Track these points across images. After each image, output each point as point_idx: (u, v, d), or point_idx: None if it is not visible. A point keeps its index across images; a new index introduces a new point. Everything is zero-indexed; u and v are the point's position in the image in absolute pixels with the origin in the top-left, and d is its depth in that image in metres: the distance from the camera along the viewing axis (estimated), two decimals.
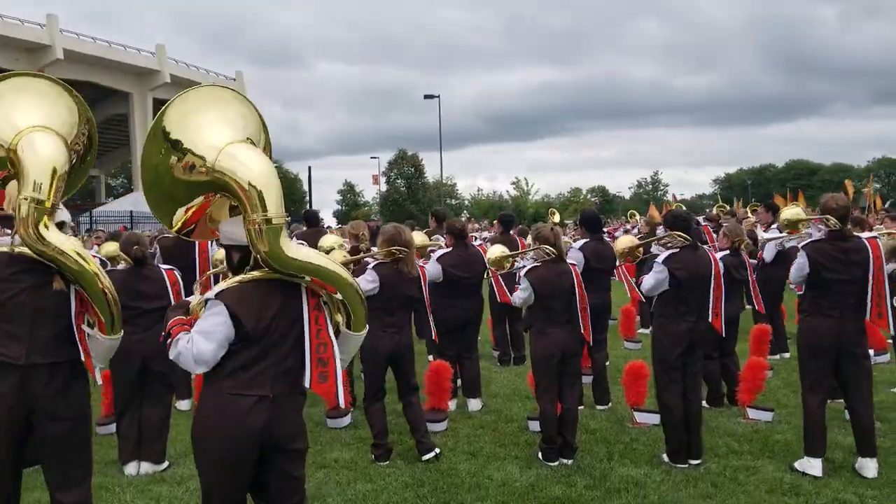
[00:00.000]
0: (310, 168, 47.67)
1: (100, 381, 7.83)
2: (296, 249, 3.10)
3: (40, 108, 3.41)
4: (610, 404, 7.07)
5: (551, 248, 5.66)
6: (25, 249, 3.30)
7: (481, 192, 76.66)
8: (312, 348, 3.15)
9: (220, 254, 7.01)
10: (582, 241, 7.22)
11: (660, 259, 5.55)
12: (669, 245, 5.63)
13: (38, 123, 3.33)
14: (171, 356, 3.09)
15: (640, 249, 6.66)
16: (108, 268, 6.45)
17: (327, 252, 7.27)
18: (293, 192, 57.14)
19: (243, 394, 3.05)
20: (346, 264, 6.21)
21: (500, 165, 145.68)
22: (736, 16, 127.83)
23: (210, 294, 3.09)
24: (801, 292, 5.67)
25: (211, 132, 3.01)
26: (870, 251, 5.19)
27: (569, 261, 5.98)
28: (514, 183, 73.20)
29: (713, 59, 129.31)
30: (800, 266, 5.31)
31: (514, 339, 9.24)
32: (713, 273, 5.57)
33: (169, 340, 3.09)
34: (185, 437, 6.14)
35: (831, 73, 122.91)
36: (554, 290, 5.60)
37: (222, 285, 3.11)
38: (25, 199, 3.17)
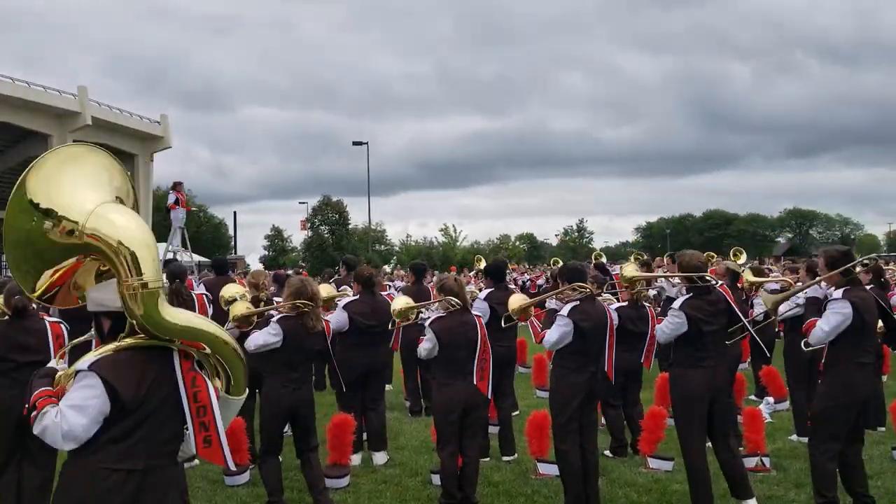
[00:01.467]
0: (235, 213, 47.27)
1: None
2: (173, 313, 2.96)
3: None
4: (516, 455, 7.06)
5: (455, 300, 5.67)
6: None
7: (411, 238, 76.97)
8: (192, 413, 3.02)
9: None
10: (487, 291, 7.27)
11: (563, 312, 5.58)
12: (569, 298, 5.70)
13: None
14: (36, 431, 2.87)
15: (533, 308, 6.74)
16: None
17: (229, 302, 7.16)
18: (218, 238, 56.22)
19: (112, 468, 2.86)
20: (249, 316, 6.12)
21: (431, 212, 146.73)
22: (656, 71, 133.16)
23: (81, 365, 2.90)
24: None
25: (79, 195, 2.85)
26: (727, 297, 5.58)
27: (474, 312, 6.01)
28: (442, 230, 73.75)
29: (636, 112, 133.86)
30: (676, 325, 5.43)
31: (425, 389, 9.17)
32: (608, 324, 5.68)
33: (34, 413, 2.87)
34: None
35: (747, 127, 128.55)
36: (458, 340, 5.59)
37: (95, 355, 2.93)
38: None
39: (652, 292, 9.05)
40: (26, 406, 2.92)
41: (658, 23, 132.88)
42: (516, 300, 6.63)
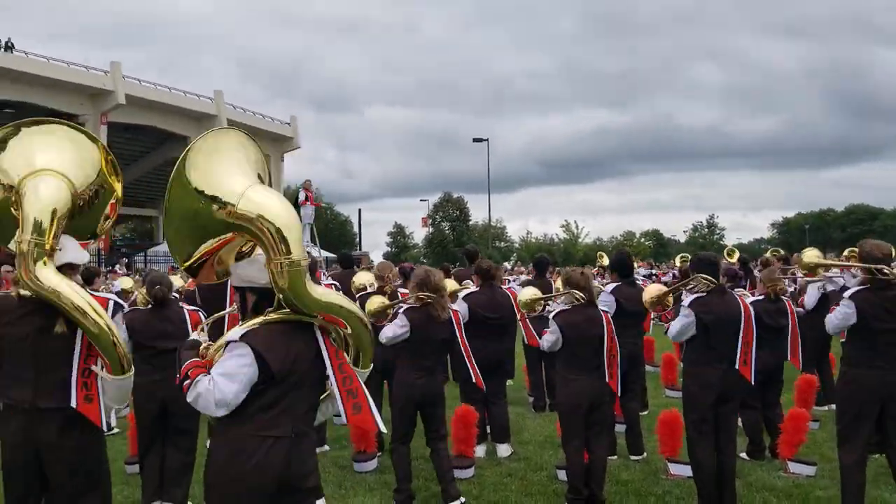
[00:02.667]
0: (360, 210, 48.45)
1: (114, 427, 7.97)
2: (317, 289, 3.15)
3: (59, 153, 3.50)
4: (644, 454, 6.84)
5: (580, 294, 5.55)
6: (25, 291, 3.35)
7: (531, 234, 76.50)
8: (339, 382, 3.18)
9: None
10: (613, 285, 7.07)
11: (685, 303, 5.38)
12: (696, 289, 5.46)
13: (50, 167, 3.41)
14: (189, 399, 3.06)
15: (670, 297, 6.48)
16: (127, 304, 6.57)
17: (359, 289, 7.32)
18: (344, 234, 57.85)
19: (263, 435, 3.03)
20: (385, 308, 6.23)
21: (552, 208, 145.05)
22: (795, 59, 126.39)
23: (232, 336, 3.08)
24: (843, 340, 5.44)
25: (230, 179, 3.06)
26: None
27: (600, 306, 5.85)
28: (563, 226, 72.88)
29: (772, 103, 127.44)
30: (846, 315, 5.06)
31: (550, 385, 9.03)
32: (742, 318, 5.37)
33: (186, 382, 3.07)
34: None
35: (893, 116, 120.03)
36: (583, 335, 5.47)
37: (245, 327, 3.10)
38: (22, 240, 3.24)
39: (791, 288, 8.53)
40: (177, 376, 3.11)
41: (797, 6, 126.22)
42: (652, 290, 6.41)
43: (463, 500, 5.54)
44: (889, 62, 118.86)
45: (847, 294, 5.16)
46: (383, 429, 3.59)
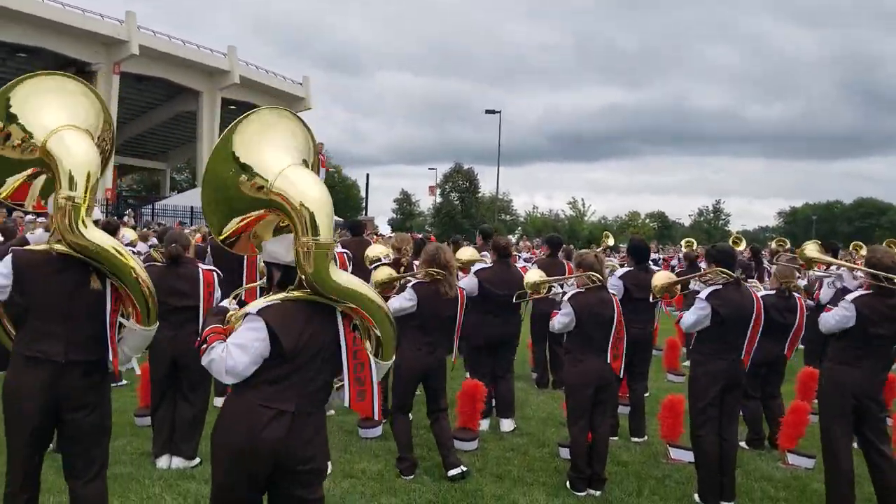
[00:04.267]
0: (368, 175, 48.24)
1: (126, 380, 8.08)
2: (340, 275, 3.19)
3: (67, 107, 3.51)
4: (646, 437, 6.93)
5: (596, 276, 5.60)
6: (62, 247, 3.39)
7: (537, 209, 76.35)
8: (350, 368, 3.24)
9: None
10: (624, 270, 7.12)
11: (702, 295, 5.41)
12: (712, 281, 5.50)
13: (67, 122, 3.43)
14: (204, 362, 3.14)
15: (678, 286, 6.53)
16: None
17: (373, 261, 7.37)
18: (350, 199, 57.80)
19: (266, 405, 3.09)
20: (391, 281, 6.28)
21: (560, 184, 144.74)
22: (812, 46, 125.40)
23: (251, 308, 3.13)
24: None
25: (271, 155, 3.09)
26: None
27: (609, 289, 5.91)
28: (570, 203, 72.72)
29: (786, 90, 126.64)
30: (845, 318, 5.11)
31: (553, 362, 9.12)
32: (754, 313, 5.43)
33: (204, 346, 3.14)
34: None
35: None
36: (595, 317, 5.54)
37: (264, 302, 3.15)
38: (64, 197, 3.27)
39: (802, 282, 8.55)
40: (198, 339, 3.17)
41: None
42: (661, 278, 6.45)
43: (464, 467, 5.65)
44: None
45: (850, 297, 5.19)
46: (377, 417, 3.60)
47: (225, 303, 3.48)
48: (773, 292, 6.85)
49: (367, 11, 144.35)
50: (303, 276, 3.11)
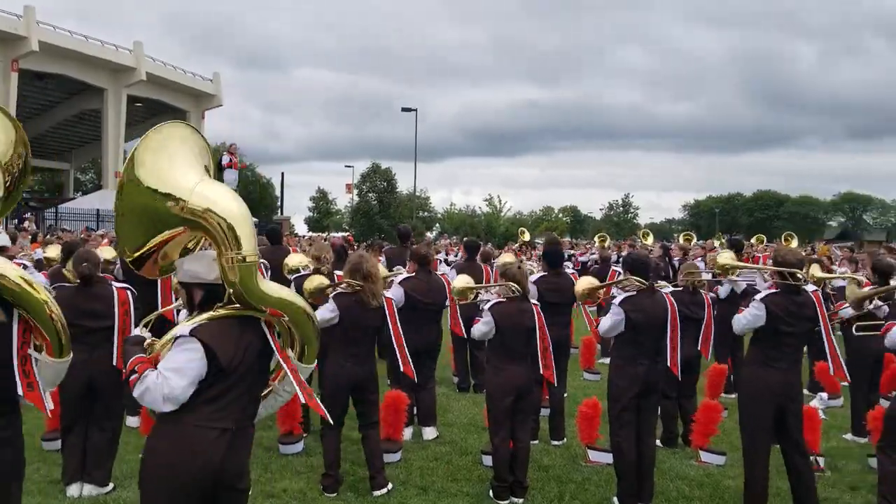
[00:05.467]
0: (283, 174, 47.63)
1: (51, 407, 7.71)
2: (268, 285, 3.17)
3: None
4: (565, 440, 7.06)
5: (517, 287, 5.67)
6: None
7: (454, 206, 76.70)
8: (291, 372, 3.26)
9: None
10: (539, 275, 7.24)
11: (616, 301, 5.57)
12: (627, 288, 5.66)
13: None
14: (136, 394, 3.02)
15: (601, 292, 6.69)
16: (52, 279, 6.34)
17: (292, 270, 7.27)
18: (265, 198, 56.72)
19: (206, 426, 3.04)
20: (324, 289, 6.19)
21: (476, 180, 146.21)
22: (718, 48, 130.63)
23: (182, 331, 3.06)
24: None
25: (180, 173, 3.02)
26: (816, 305, 5.38)
27: None
28: (486, 200, 73.33)
29: (694, 88, 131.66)
30: (756, 318, 5.33)
31: (474, 367, 9.20)
32: (669, 317, 5.61)
33: (134, 377, 3.02)
34: (132, 458, 6.05)
35: (807, 108, 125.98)
36: (515, 326, 5.60)
37: (194, 322, 3.09)
38: None
39: (706, 275, 8.89)
40: (124, 371, 3.08)
41: None
42: (583, 283, 6.58)
43: (391, 486, 5.63)
44: (806, 56, 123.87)
45: (759, 297, 5.42)
46: (328, 417, 3.72)
47: (136, 331, 3.39)
48: (679, 289, 7.10)
49: (283, 6, 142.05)
50: (230, 291, 3.07)
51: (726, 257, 7.51)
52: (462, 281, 6.90)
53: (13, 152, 3.37)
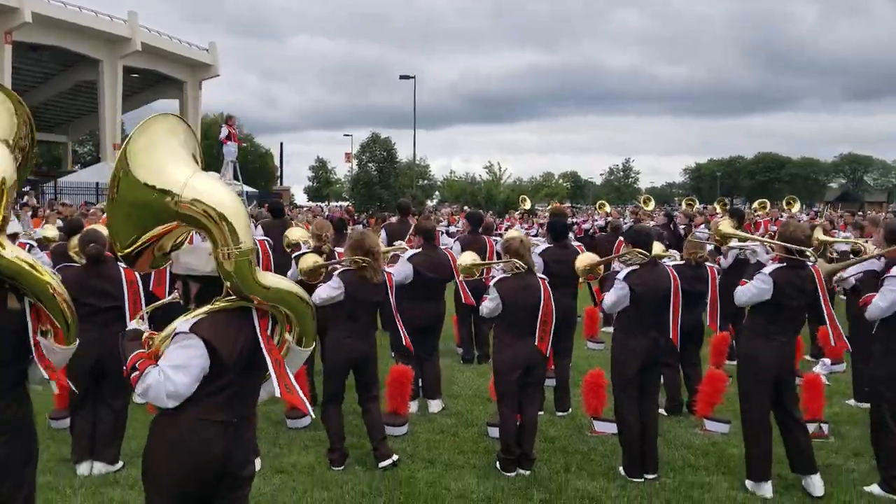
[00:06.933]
0: (282, 144, 47.42)
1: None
2: (266, 277, 3.13)
3: None
4: (570, 410, 7.11)
5: (521, 262, 5.66)
6: None
7: (454, 174, 76.30)
8: (273, 363, 3.16)
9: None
10: (543, 247, 7.22)
11: (620, 276, 5.59)
12: (629, 261, 5.65)
13: None
14: (139, 391, 3.00)
15: (601, 267, 6.68)
16: (55, 258, 6.32)
17: (291, 244, 7.27)
18: (264, 168, 56.52)
19: (209, 419, 3.03)
20: (318, 269, 6.19)
21: (476, 147, 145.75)
22: (716, 9, 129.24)
23: (182, 327, 3.03)
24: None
25: (172, 168, 2.98)
26: (816, 278, 5.39)
27: None
28: (486, 167, 72.96)
29: (692, 51, 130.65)
30: (761, 291, 5.30)
31: (478, 338, 9.23)
32: (672, 289, 5.61)
33: (135, 374, 3.00)
34: (141, 434, 6.03)
35: (806, 69, 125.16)
36: (521, 302, 5.60)
37: (193, 317, 3.06)
38: None
39: (710, 247, 8.86)
40: (125, 367, 3.05)
41: None
42: (584, 260, 6.57)
43: (396, 457, 5.68)
44: (806, 16, 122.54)
45: (766, 270, 5.40)
46: (312, 414, 3.72)
47: (133, 324, 3.36)
48: (682, 263, 7.10)
49: None
50: (227, 285, 3.04)
51: (726, 225, 7.48)
52: (468, 258, 6.89)
53: (18, 131, 3.35)
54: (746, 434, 5.42)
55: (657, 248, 6.29)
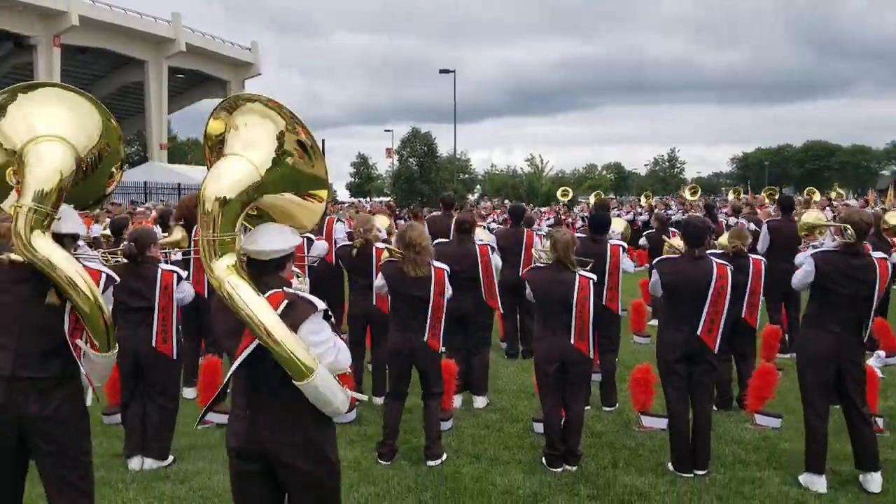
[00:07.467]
0: (323, 141, 47.38)
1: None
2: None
3: (60, 118, 3.37)
4: (617, 405, 7.02)
5: (547, 257, 5.69)
6: (19, 257, 3.25)
7: (495, 167, 76.02)
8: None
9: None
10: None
11: (655, 261, 5.62)
12: (674, 251, 5.59)
13: (53, 132, 3.30)
14: (331, 358, 3.02)
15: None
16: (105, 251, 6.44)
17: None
18: None
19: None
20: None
21: (517, 139, 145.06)
22: None
23: (320, 305, 3.02)
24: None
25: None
26: (878, 270, 5.17)
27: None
28: (528, 159, 72.55)
29: (739, 37, 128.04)
30: (806, 273, 5.27)
31: (523, 333, 9.16)
32: (712, 285, 5.32)
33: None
34: (190, 430, 6.19)
35: (857, 53, 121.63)
36: (548, 296, 5.55)
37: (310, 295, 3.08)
38: (21, 206, 3.15)
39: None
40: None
41: None
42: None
43: (445, 457, 5.66)
44: (856, 1, 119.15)
45: (809, 252, 5.32)
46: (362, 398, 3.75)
47: (297, 283, 3.33)
48: (720, 252, 6.92)
49: None
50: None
51: (813, 216, 7.29)
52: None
53: (96, 143, 3.48)
54: (806, 428, 5.28)
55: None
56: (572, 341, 5.46)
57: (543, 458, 5.59)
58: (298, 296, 3.03)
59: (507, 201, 33.43)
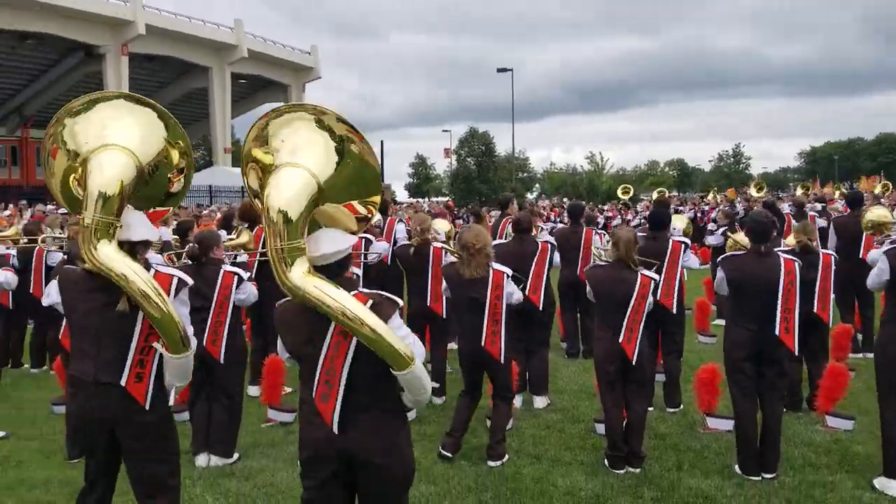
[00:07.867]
0: (382, 143, 47.95)
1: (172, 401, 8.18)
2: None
3: (125, 127, 3.47)
4: (681, 406, 6.88)
5: (608, 255, 5.66)
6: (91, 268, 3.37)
7: (554, 166, 75.45)
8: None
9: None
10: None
11: (720, 259, 5.46)
12: (740, 248, 5.44)
13: (117, 142, 3.40)
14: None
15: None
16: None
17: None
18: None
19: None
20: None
21: (577, 137, 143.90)
22: None
23: (401, 303, 3.16)
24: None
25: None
26: None
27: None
28: (588, 157, 71.79)
29: (806, 26, 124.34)
30: (880, 272, 5.08)
31: (584, 332, 9.06)
32: (781, 283, 5.16)
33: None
34: (255, 428, 6.29)
35: None
36: (609, 295, 5.47)
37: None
38: (85, 217, 3.27)
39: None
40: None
41: None
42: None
43: (507, 458, 5.63)
44: None
45: (883, 249, 5.15)
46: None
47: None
48: (787, 248, 6.71)
49: None
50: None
51: (879, 213, 7.04)
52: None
53: (161, 154, 3.60)
54: (883, 433, 5.11)
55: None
56: (619, 340, 5.37)
57: (605, 460, 5.51)
58: (379, 294, 3.12)
59: (565, 200, 33.11)
